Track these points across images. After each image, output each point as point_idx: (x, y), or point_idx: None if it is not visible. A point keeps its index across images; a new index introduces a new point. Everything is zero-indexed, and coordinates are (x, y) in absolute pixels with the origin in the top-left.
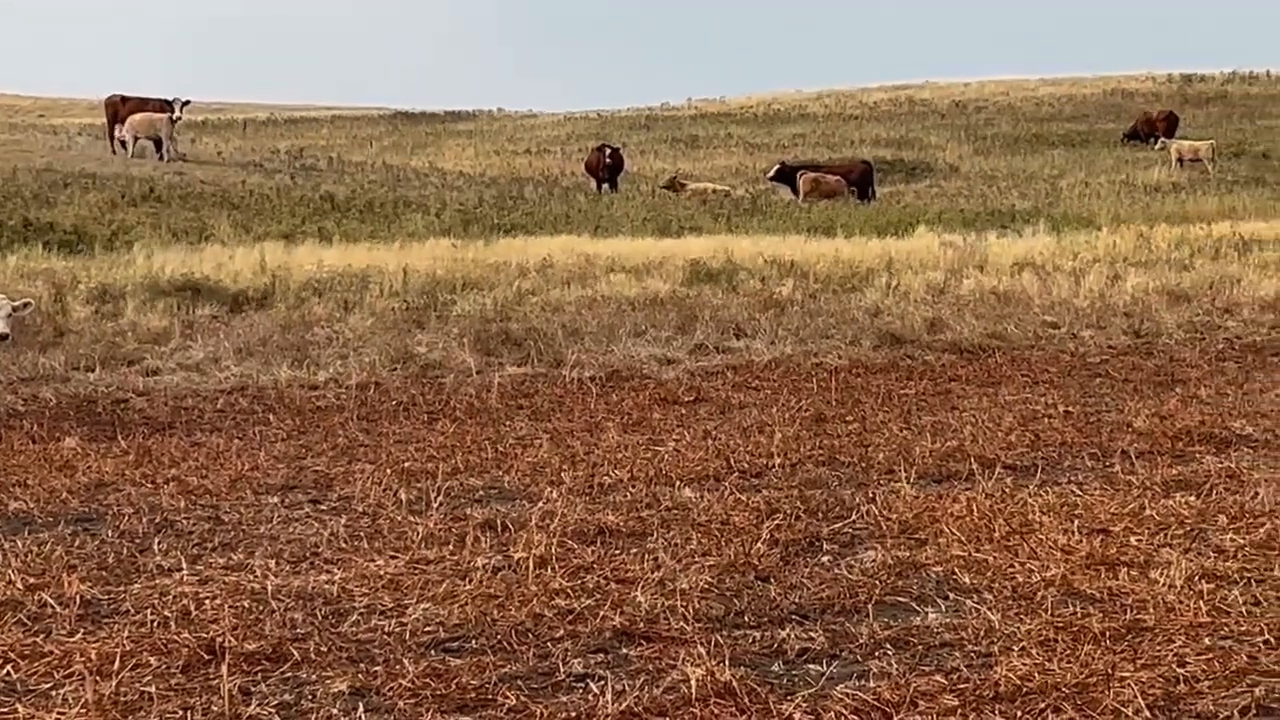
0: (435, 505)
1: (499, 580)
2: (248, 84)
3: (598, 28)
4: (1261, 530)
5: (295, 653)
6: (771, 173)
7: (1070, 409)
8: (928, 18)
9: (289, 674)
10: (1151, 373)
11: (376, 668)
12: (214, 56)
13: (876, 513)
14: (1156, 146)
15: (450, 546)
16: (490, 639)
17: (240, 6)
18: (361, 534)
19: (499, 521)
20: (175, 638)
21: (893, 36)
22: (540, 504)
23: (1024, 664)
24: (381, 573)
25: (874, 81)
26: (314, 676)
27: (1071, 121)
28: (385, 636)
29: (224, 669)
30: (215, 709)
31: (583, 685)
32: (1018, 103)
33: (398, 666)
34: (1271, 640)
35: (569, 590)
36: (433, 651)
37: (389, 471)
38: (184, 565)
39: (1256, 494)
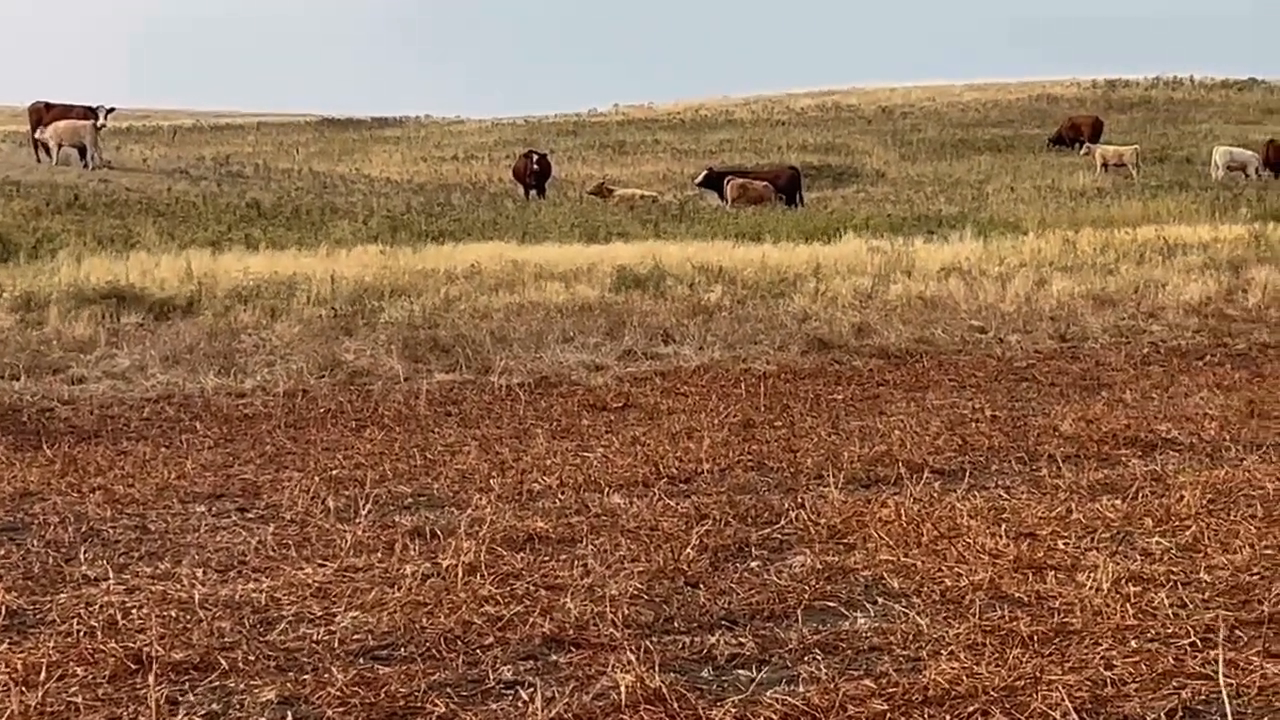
0: (363, 513)
1: (428, 587)
2: (174, 91)
3: (525, 34)
4: (1187, 533)
5: (223, 662)
6: (700, 179)
7: (997, 413)
8: (854, 24)
9: (217, 683)
10: (1077, 377)
11: (305, 676)
12: (140, 63)
13: (805, 518)
14: (1082, 152)
15: (379, 554)
16: (419, 646)
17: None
18: (289, 542)
19: (427, 529)
20: (102, 647)
21: (820, 42)
22: (469, 511)
23: (952, 667)
24: (310, 581)
25: (801, 87)
26: (242, 685)
27: (997, 127)
28: (313, 645)
29: (151, 679)
30: (143, 719)
31: (512, 692)
32: (944, 108)
33: (326, 675)
34: (1198, 643)
35: (498, 597)
36: (361, 659)
37: (317, 479)
38: (110, 574)
39: (1182, 497)
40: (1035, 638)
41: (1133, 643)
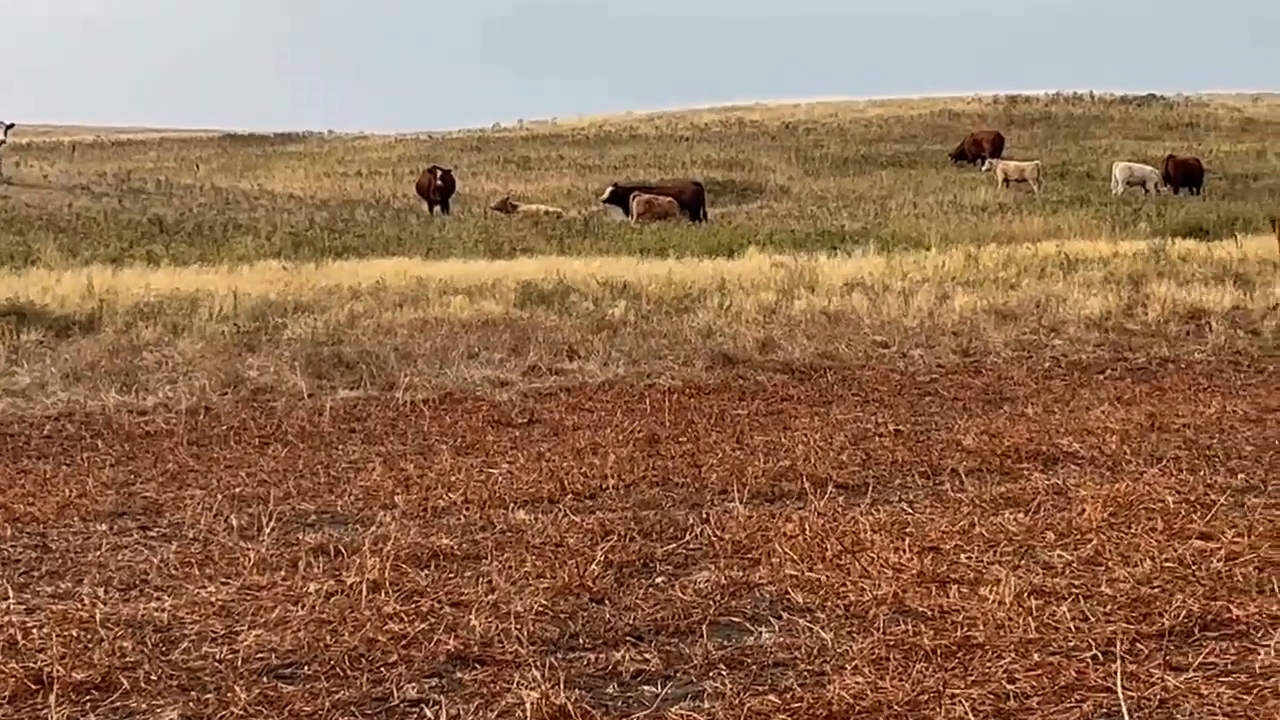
0: (267, 531)
1: (332, 605)
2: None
3: (428, 50)
4: (1089, 546)
5: (125, 681)
6: (605, 195)
7: (901, 427)
8: (757, 40)
9: (118, 703)
10: (980, 391)
11: (208, 695)
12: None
13: (710, 533)
14: (983, 167)
15: (282, 572)
16: (323, 665)
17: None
18: (192, 560)
19: (331, 546)
20: (1, 668)
21: (723, 58)
22: (373, 528)
23: (857, 682)
24: (212, 599)
25: (704, 103)
26: (144, 705)
27: (900, 142)
28: (216, 664)
29: (52, 699)
30: None
31: (417, 710)
32: (847, 124)
33: (229, 694)
34: (1099, 655)
35: (402, 614)
36: (265, 678)
37: (220, 497)
38: (10, 594)
39: (1083, 510)
40: (939, 652)
41: (1035, 656)
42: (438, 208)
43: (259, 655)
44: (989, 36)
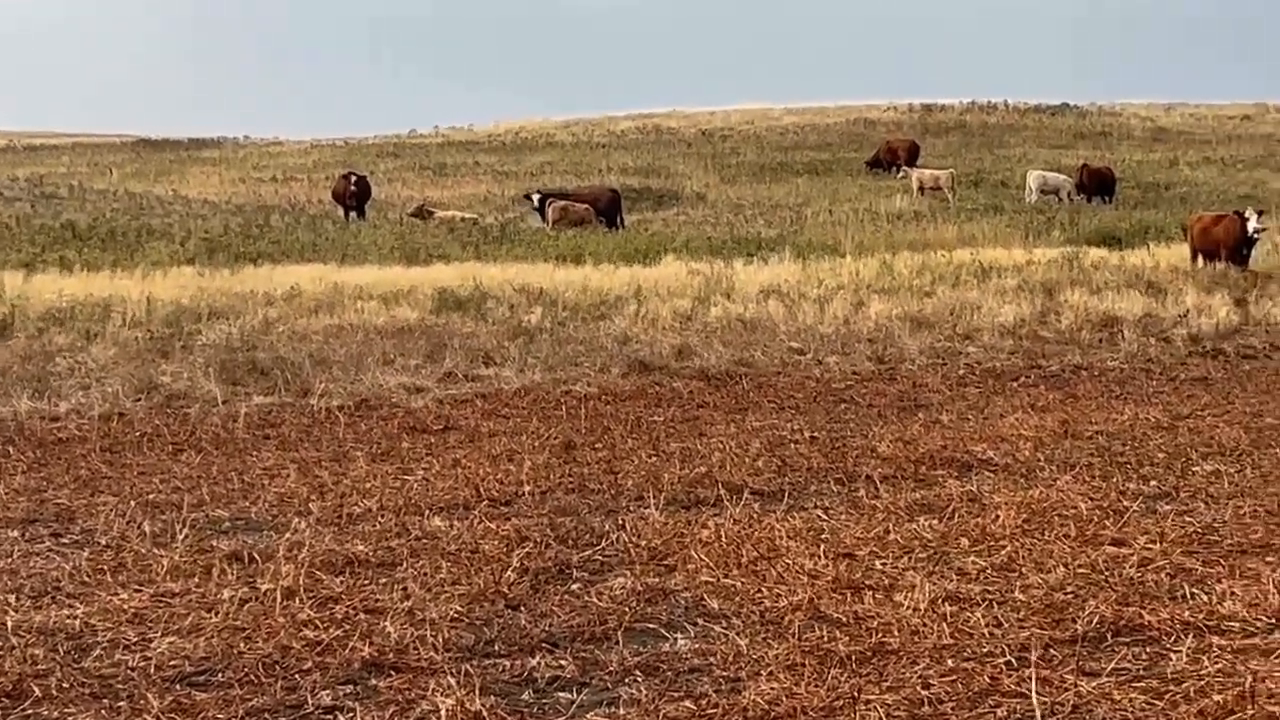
0: (180, 537)
1: (246, 612)
2: None
3: (344, 56)
4: (1002, 553)
5: (36, 689)
6: (536, 199)
7: (816, 434)
8: (674, 47)
9: (30, 711)
10: (895, 398)
11: (120, 703)
12: None
13: (626, 539)
14: (899, 175)
15: (196, 579)
16: (237, 672)
17: None
18: (105, 567)
19: (246, 553)
20: None
21: (639, 65)
22: (288, 535)
23: (772, 688)
24: (125, 606)
25: (622, 110)
26: (56, 713)
27: (816, 150)
28: (129, 671)
29: None
30: None
31: (331, 717)
32: (763, 131)
33: (142, 701)
34: (1013, 661)
35: (317, 621)
36: (178, 685)
37: (133, 504)
38: None
39: (997, 517)
40: (854, 657)
41: (949, 662)
42: (353, 214)
43: (172, 663)
44: (905, 45)
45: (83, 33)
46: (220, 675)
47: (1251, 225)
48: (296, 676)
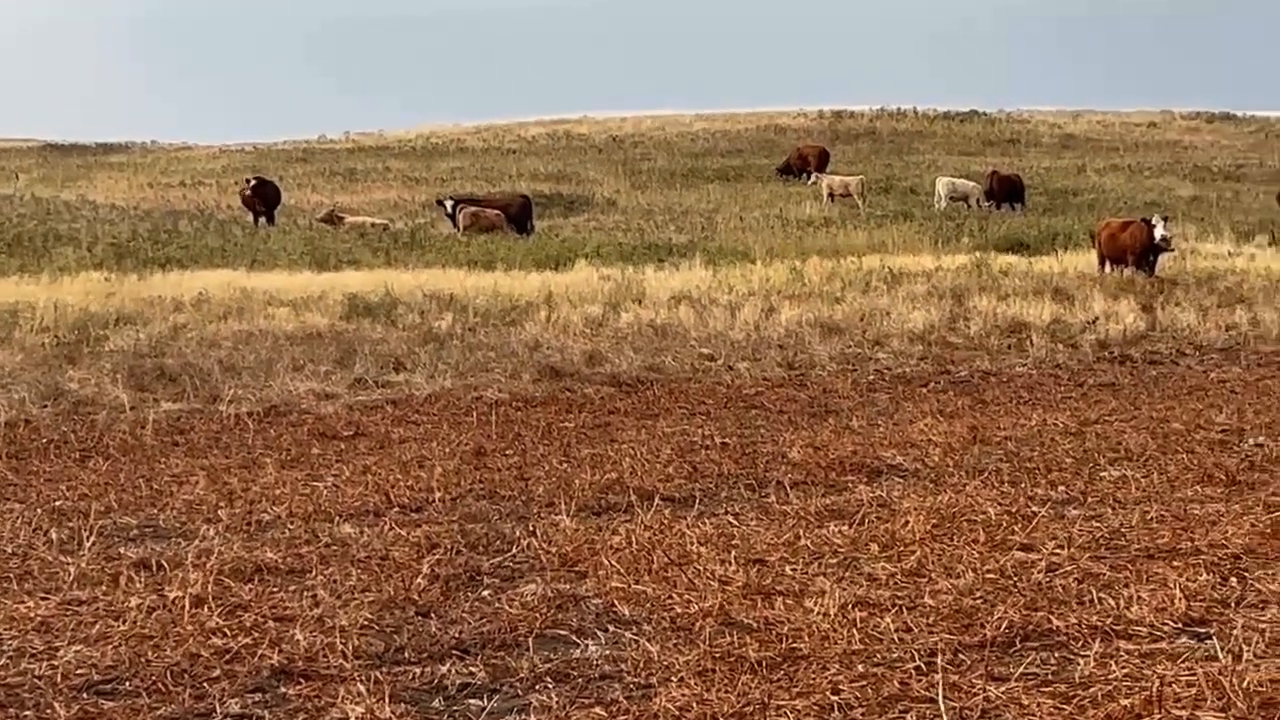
0: (87, 545)
1: (154, 620)
2: None
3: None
4: (912, 558)
5: None
6: (449, 206)
7: (727, 440)
8: (584, 53)
9: None
10: (805, 404)
11: (26, 712)
12: None
13: (537, 546)
14: (809, 181)
15: (103, 587)
16: (145, 680)
17: None
18: (10, 575)
19: (153, 561)
20: None
21: (549, 71)
22: (196, 542)
23: (683, 694)
24: (32, 614)
25: (532, 116)
26: None
27: (726, 156)
28: (35, 680)
29: None
30: None
31: None
32: (674, 138)
33: (49, 710)
34: (922, 666)
35: (226, 629)
36: (85, 694)
37: (39, 511)
38: None
39: (907, 522)
40: (764, 663)
41: (859, 667)
42: (263, 219)
43: (79, 671)
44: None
45: None
46: (128, 684)
47: (1159, 232)
48: (205, 685)
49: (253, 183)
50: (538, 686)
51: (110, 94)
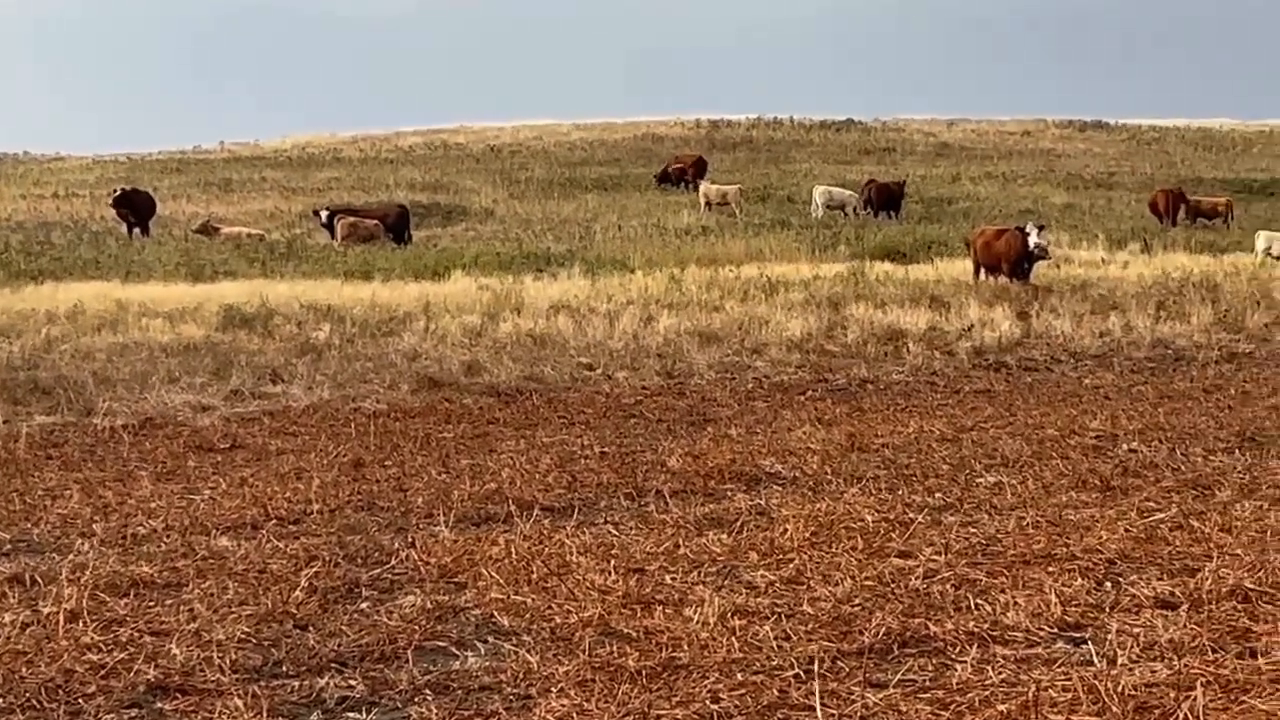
0: None
1: (28, 636)
2: None
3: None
4: (790, 566)
5: None
6: (325, 215)
7: (606, 450)
8: (461, 63)
9: None
10: (684, 413)
11: None
12: None
13: (416, 557)
14: (688, 189)
15: None
16: (19, 697)
17: None
18: None
19: (27, 575)
20: None
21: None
22: (71, 556)
23: (562, 705)
24: None
25: (409, 125)
26: None
27: (604, 166)
28: None
29: None
30: None
31: None
32: (551, 147)
33: None
34: (801, 674)
35: (101, 644)
36: None
37: None
38: None
39: (785, 530)
40: (644, 673)
41: (739, 675)
42: (137, 230)
43: None
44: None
45: None
46: (1, 700)
47: (1032, 240)
48: (80, 701)
49: (117, 193)
50: (417, 699)
51: None
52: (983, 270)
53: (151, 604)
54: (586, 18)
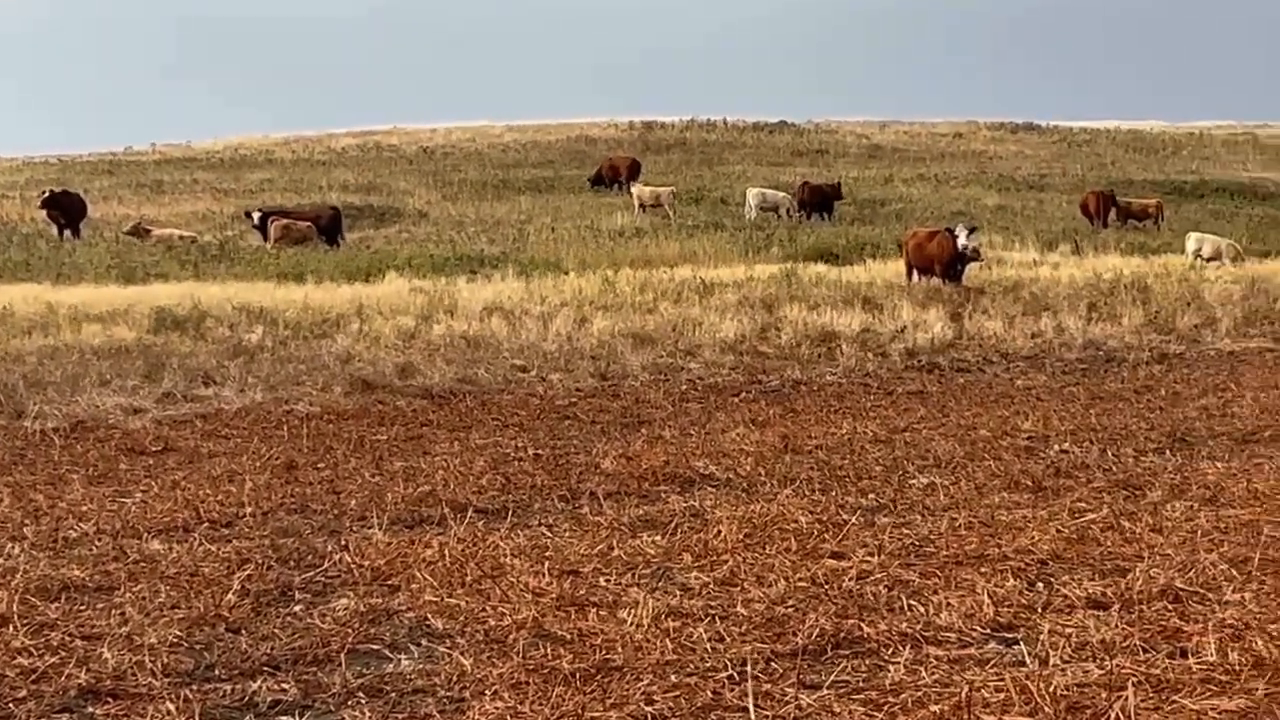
0: None
1: None
2: None
3: (57, 71)
4: (724, 567)
5: None
6: (256, 219)
7: (540, 451)
8: (394, 65)
9: None
10: (618, 414)
11: None
12: None
13: (349, 560)
14: (621, 191)
15: None
16: None
17: None
18: None
19: None
20: None
21: (359, 83)
22: (1, 560)
23: (496, 708)
24: None
25: (341, 127)
26: None
27: (538, 168)
28: None
29: None
30: None
31: None
32: (485, 149)
33: None
34: (735, 675)
35: (31, 649)
36: None
37: None
38: None
39: (719, 532)
40: (578, 675)
41: (673, 677)
42: (68, 232)
43: None
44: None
45: None
46: None
47: (961, 241)
48: (10, 705)
49: (47, 194)
50: (350, 702)
51: None
52: (915, 272)
53: (83, 608)
54: (522, 20)
